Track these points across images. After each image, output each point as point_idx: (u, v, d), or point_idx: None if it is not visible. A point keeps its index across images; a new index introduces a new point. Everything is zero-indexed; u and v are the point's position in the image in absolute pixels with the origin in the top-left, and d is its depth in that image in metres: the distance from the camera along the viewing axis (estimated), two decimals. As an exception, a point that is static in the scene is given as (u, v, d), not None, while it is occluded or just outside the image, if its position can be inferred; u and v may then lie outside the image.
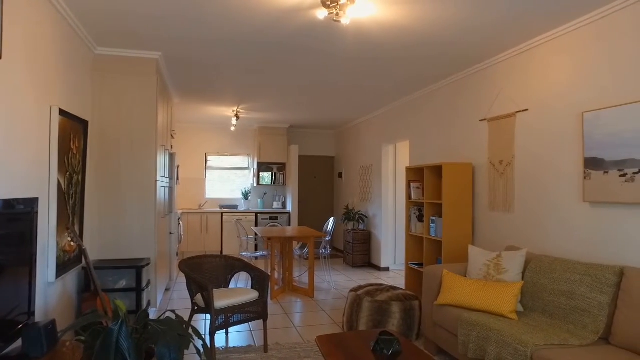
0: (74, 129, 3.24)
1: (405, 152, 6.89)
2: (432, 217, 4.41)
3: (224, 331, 3.82)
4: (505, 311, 2.79)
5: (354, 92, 5.59)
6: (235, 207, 8.34)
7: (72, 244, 3.18)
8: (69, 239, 3.11)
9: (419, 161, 5.58)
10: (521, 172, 3.73)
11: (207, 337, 3.72)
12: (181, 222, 6.91)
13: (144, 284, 3.64)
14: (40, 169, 2.67)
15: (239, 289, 3.42)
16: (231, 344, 3.53)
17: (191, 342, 2.18)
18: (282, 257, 5.53)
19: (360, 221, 7.38)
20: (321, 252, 5.87)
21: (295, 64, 4.36)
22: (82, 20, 3.24)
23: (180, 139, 8.33)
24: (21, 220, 2.18)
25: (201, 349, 3.27)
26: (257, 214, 8.13)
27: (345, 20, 2.79)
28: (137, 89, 3.99)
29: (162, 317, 2.25)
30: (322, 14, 2.89)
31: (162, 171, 4.48)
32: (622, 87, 2.81)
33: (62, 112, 2.95)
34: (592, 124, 2.96)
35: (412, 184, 4.84)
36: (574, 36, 3.19)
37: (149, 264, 3.80)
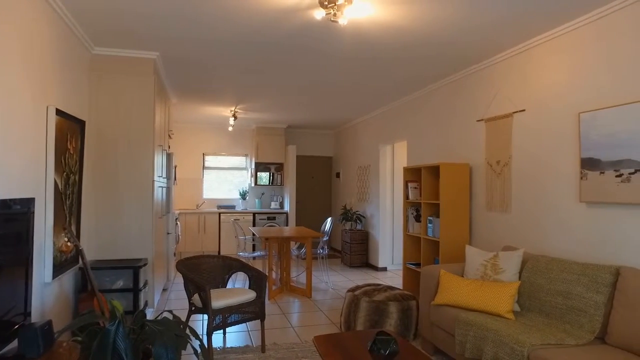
0: (71, 129, 3.23)
1: (402, 152, 6.89)
2: (429, 217, 4.42)
3: (222, 331, 3.82)
4: (502, 311, 2.80)
5: (352, 92, 5.59)
6: (232, 207, 8.34)
7: (69, 244, 3.18)
8: (66, 239, 3.10)
9: (416, 161, 5.59)
10: (518, 172, 3.74)
11: (204, 338, 3.71)
12: (179, 222, 6.90)
13: (141, 284, 3.63)
14: (36, 169, 2.66)
15: (237, 289, 3.42)
16: (228, 344, 3.53)
17: (188, 343, 2.18)
18: (279, 257, 5.53)
19: (357, 221, 7.39)
20: (319, 252, 5.87)
21: (293, 64, 4.36)
22: (78, 19, 3.23)
23: (177, 139, 8.32)
24: (17, 220, 2.18)
25: (198, 349, 3.26)
26: (254, 214, 8.13)
27: (342, 20, 2.80)
28: (134, 88, 3.98)
29: (159, 317, 2.25)
30: (319, 14, 2.89)
31: (159, 171, 4.47)
32: (618, 88, 2.83)
33: (58, 112, 2.94)
34: (589, 125, 2.97)
35: (410, 184, 4.85)
36: (571, 37, 3.21)
37: (146, 264, 3.79)
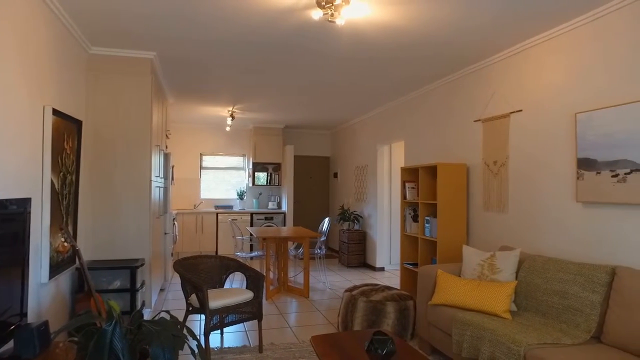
0: (68, 128, 3.22)
1: (400, 152, 6.90)
2: (426, 217, 4.43)
3: (219, 331, 3.81)
4: (499, 311, 2.80)
5: (350, 92, 5.60)
6: (230, 207, 8.33)
7: (66, 244, 3.17)
8: (63, 240, 3.09)
9: (413, 161, 5.60)
10: (515, 172, 3.75)
11: (201, 338, 3.71)
12: (176, 222, 6.88)
13: (139, 285, 3.62)
14: (33, 169, 2.65)
15: (234, 289, 3.42)
16: (226, 345, 3.52)
17: (185, 343, 2.18)
18: (277, 257, 5.53)
19: (355, 221, 7.39)
20: (316, 252, 5.87)
21: (290, 64, 4.36)
22: (76, 19, 3.22)
23: (175, 139, 8.30)
24: (13, 220, 2.17)
25: (196, 349, 3.25)
26: (252, 214, 8.12)
27: (340, 20, 2.80)
28: (131, 88, 3.97)
29: (156, 317, 2.24)
30: (317, 14, 2.89)
31: (156, 171, 4.46)
32: (615, 88, 2.84)
33: (55, 112, 2.93)
34: (585, 125, 2.98)
35: (407, 184, 4.86)
36: (568, 37, 3.22)
37: (143, 265, 3.79)
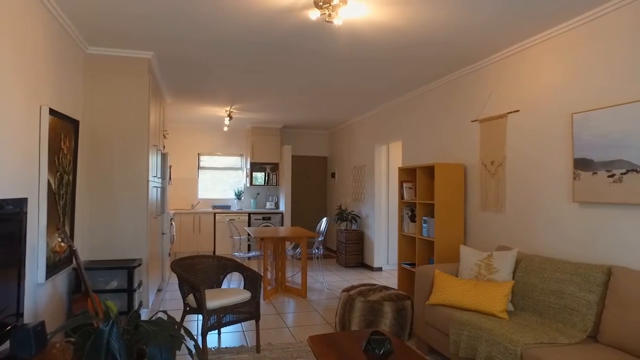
0: (65, 128, 3.22)
1: (397, 152, 6.91)
2: (424, 217, 4.43)
3: (216, 331, 3.81)
4: (496, 310, 2.81)
5: (347, 92, 5.60)
6: (228, 207, 8.32)
7: (63, 244, 3.16)
8: (59, 240, 3.08)
9: (411, 161, 5.60)
10: (512, 172, 3.76)
11: (199, 338, 3.70)
12: (173, 223, 6.87)
13: (136, 285, 3.61)
14: (29, 169, 2.64)
15: (231, 289, 3.41)
16: (223, 345, 3.52)
17: (183, 343, 2.18)
18: (274, 258, 5.53)
19: (353, 221, 7.40)
20: (314, 252, 5.87)
21: (288, 65, 4.36)
22: (73, 19, 3.21)
23: (172, 139, 8.29)
24: (10, 220, 2.16)
25: (193, 349, 3.26)
26: (250, 214, 8.12)
27: (337, 21, 2.80)
28: (128, 88, 3.96)
29: (153, 317, 2.24)
30: (314, 14, 2.89)
31: (154, 171, 4.45)
32: (611, 89, 2.85)
33: (52, 112, 2.92)
34: (582, 125, 3.00)
35: (405, 184, 4.86)
36: (566, 38, 3.23)
37: (140, 265, 3.78)
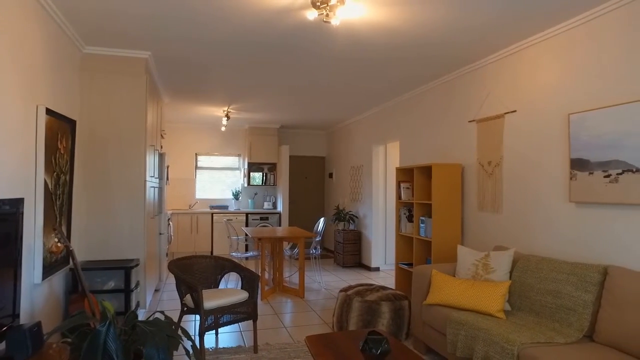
0: (62, 128, 3.21)
1: (395, 152, 6.92)
2: (421, 217, 4.44)
3: (214, 332, 3.81)
4: (493, 310, 2.82)
5: (345, 92, 5.60)
6: (225, 207, 8.31)
7: (59, 244, 3.15)
8: (56, 240, 3.07)
9: (408, 162, 5.61)
10: (509, 172, 3.77)
11: (196, 338, 3.70)
12: (171, 223, 6.86)
13: (133, 285, 3.61)
14: (26, 169, 2.63)
15: (229, 290, 3.41)
16: (221, 345, 3.52)
17: (180, 343, 2.18)
18: (272, 258, 5.53)
19: (350, 221, 7.40)
20: (311, 252, 5.87)
21: (285, 65, 4.35)
22: (69, 19, 3.21)
23: (170, 139, 8.27)
24: (6, 220, 2.15)
25: (190, 350, 3.25)
26: (247, 214, 8.11)
27: (335, 21, 2.81)
28: (126, 88, 3.95)
29: (150, 318, 2.23)
30: (312, 14, 2.89)
31: (151, 171, 4.44)
32: (608, 90, 2.86)
33: (48, 112, 2.91)
34: (578, 126, 3.01)
35: (402, 185, 4.87)
36: (562, 38, 3.24)
37: (138, 265, 3.77)
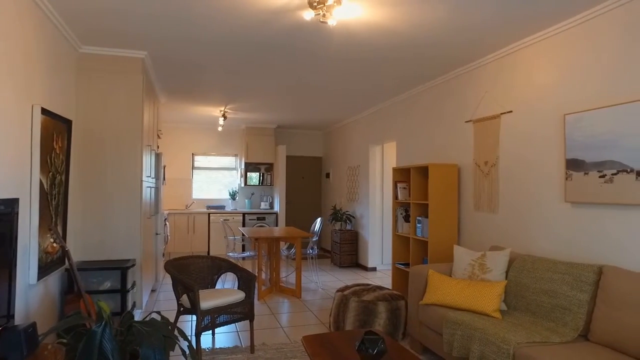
0: (57, 128, 3.19)
1: (392, 152, 6.93)
2: (418, 218, 4.45)
3: (210, 332, 3.80)
4: (489, 310, 2.83)
5: (342, 92, 5.61)
6: (222, 207, 8.30)
7: (55, 245, 3.13)
8: (52, 240, 3.06)
9: (405, 162, 5.62)
10: (505, 173, 3.79)
11: (193, 338, 3.69)
12: (167, 223, 6.84)
13: (129, 285, 3.60)
14: (21, 169, 2.62)
15: (225, 290, 3.41)
16: (217, 345, 3.51)
17: (177, 344, 2.17)
18: (269, 258, 5.52)
19: (347, 221, 7.41)
20: (308, 252, 5.87)
21: (282, 65, 4.35)
22: (65, 18, 3.19)
23: (166, 139, 8.25)
24: (0, 221, 2.14)
25: (187, 350, 3.25)
26: (244, 215, 8.10)
27: (332, 21, 2.81)
28: (122, 88, 3.94)
29: (147, 318, 2.23)
30: (309, 15, 2.89)
31: (148, 171, 4.43)
32: (603, 91, 2.88)
33: (44, 111, 2.90)
34: (574, 126, 3.02)
35: (399, 185, 4.88)
36: (558, 39, 3.26)
37: (134, 265, 3.76)
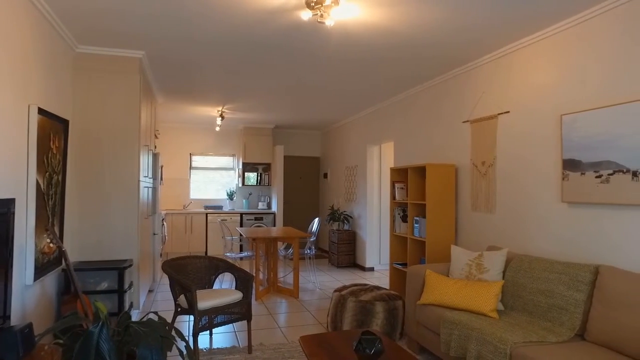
0: (54, 128, 3.18)
1: (389, 152, 6.94)
2: (415, 218, 4.46)
3: (208, 332, 3.80)
4: (486, 310, 2.84)
5: (339, 93, 5.61)
6: (220, 207, 8.29)
7: (52, 245, 3.12)
8: (48, 240, 3.05)
9: (403, 162, 5.63)
10: (502, 173, 3.80)
11: (190, 339, 3.69)
12: (165, 223, 6.83)
13: (127, 286, 3.59)
14: (17, 169, 2.61)
15: (223, 290, 3.40)
16: (215, 345, 3.51)
17: (174, 344, 2.17)
18: (267, 258, 5.52)
19: (345, 221, 7.41)
20: (306, 252, 5.87)
21: (280, 65, 4.35)
22: (62, 18, 3.18)
23: (164, 139, 8.24)
24: (-2, 221, 2.13)
25: (184, 350, 3.24)
26: (242, 215, 8.10)
27: (329, 21, 2.81)
28: (119, 88, 3.93)
29: (144, 318, 2.23)
30: (306, 15, 2.89)
31: (145, 171, 4.42)
32: (599, 91, 2.89)
33: (41, 111, 2.89)
34: (570, 126, 3.03)
35: (397, 185, 4.88)
36: (555, 40, 3.27)
37: (131, 265, 3.75)
